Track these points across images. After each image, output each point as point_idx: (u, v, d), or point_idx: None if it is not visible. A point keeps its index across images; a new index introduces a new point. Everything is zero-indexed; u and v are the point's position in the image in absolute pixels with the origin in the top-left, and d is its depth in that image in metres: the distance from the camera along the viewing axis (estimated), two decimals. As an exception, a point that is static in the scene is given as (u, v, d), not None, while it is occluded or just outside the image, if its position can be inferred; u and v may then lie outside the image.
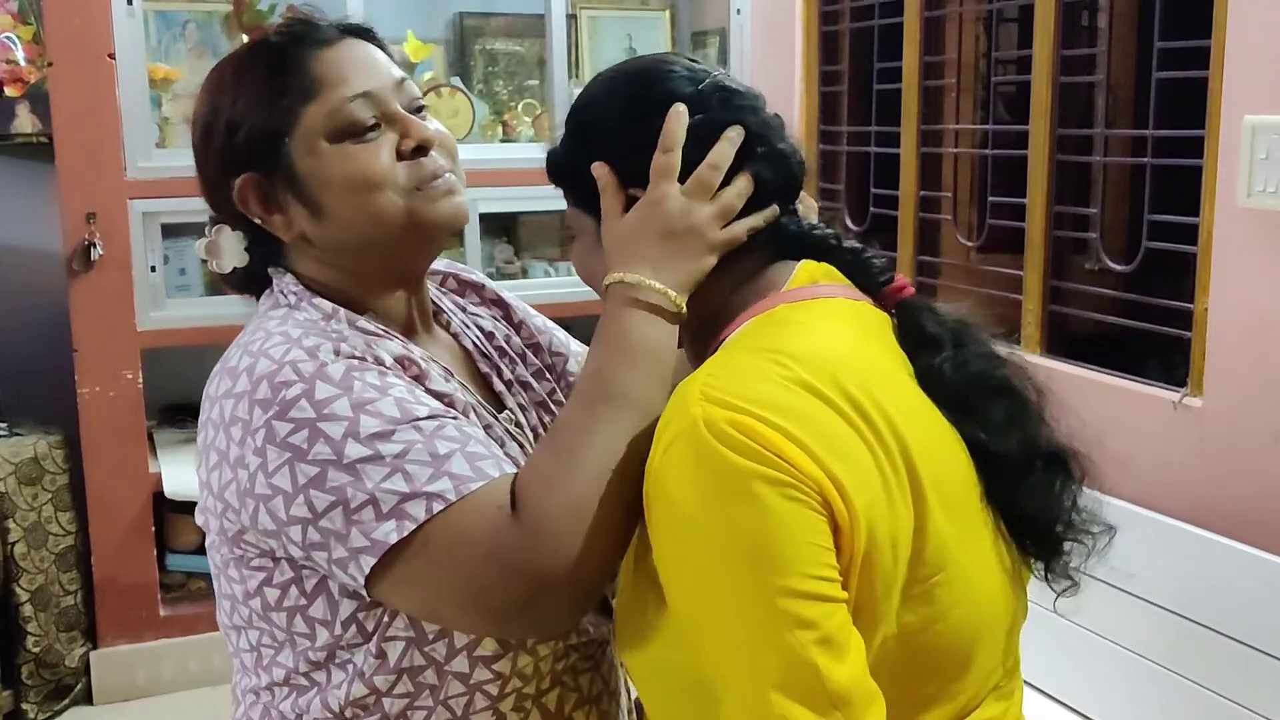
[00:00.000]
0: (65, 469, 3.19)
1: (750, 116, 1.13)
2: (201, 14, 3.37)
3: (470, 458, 1.01)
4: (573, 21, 3.77)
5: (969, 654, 1.03)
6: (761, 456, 0.92)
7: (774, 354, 0.99)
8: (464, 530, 0.98)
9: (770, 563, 0.91)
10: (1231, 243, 2.16)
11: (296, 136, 1.12)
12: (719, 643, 0.93)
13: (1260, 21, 2.10)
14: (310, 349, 1.05)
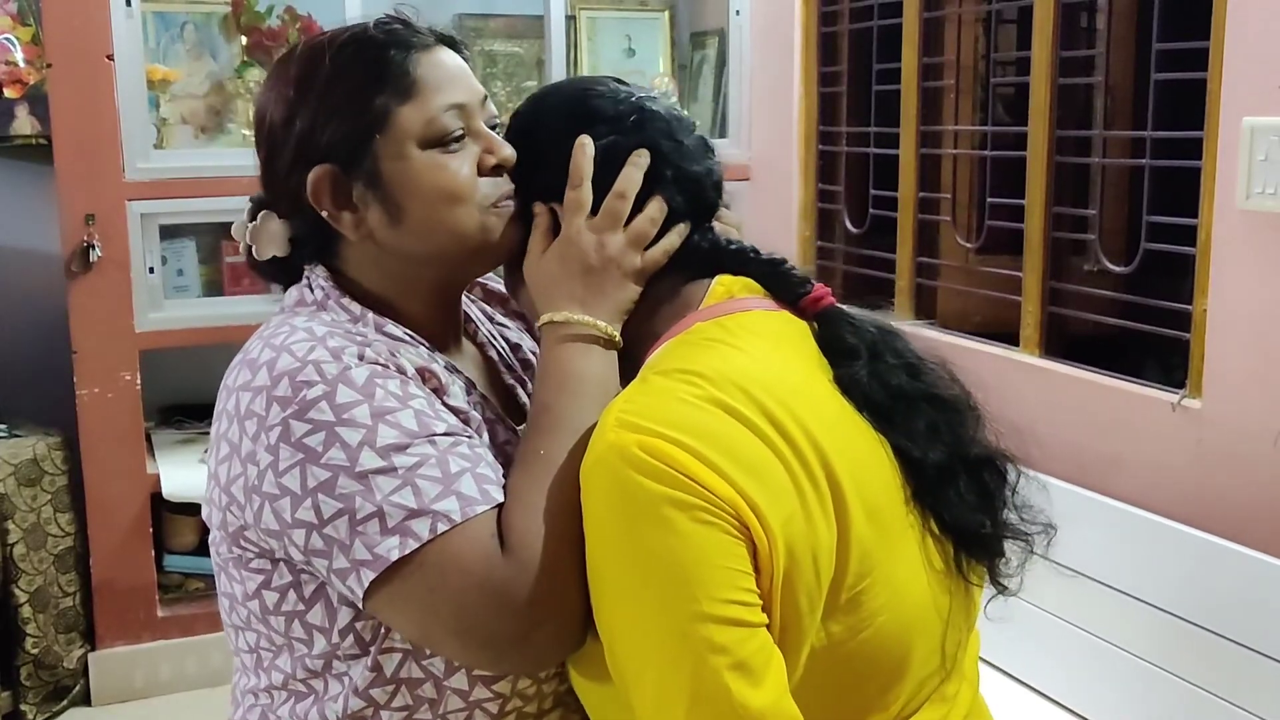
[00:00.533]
0: (64, 470, 3.18)
1: (663, 140, 1.14)
2: (200, 15, 3.36)
3: (479, 479, 1.01)
4: (572, 22, 3.77)
5: (901, 660, 1.03)
6: (673, 479, 0.92)
7: (686, 375, 1.00)
8: (459, 556, 0.98)
9: (682, 588, 0.91)
10: (1230, 244, 2.16)
11: (387, 137, 1.10)
12: (632, 664, 0.94)
13: (1259, 23, 2.10)
14: (335, 350, 1.04)
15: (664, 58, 3.97)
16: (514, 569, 0.97)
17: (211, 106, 3.35)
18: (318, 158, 1.11)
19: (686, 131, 1.16)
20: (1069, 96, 2.63)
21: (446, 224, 1.12)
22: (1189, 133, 2.27)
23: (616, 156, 1.12)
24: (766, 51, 3.67)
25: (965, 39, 3.01)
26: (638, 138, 1.13)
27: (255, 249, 1.18)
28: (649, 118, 1.14)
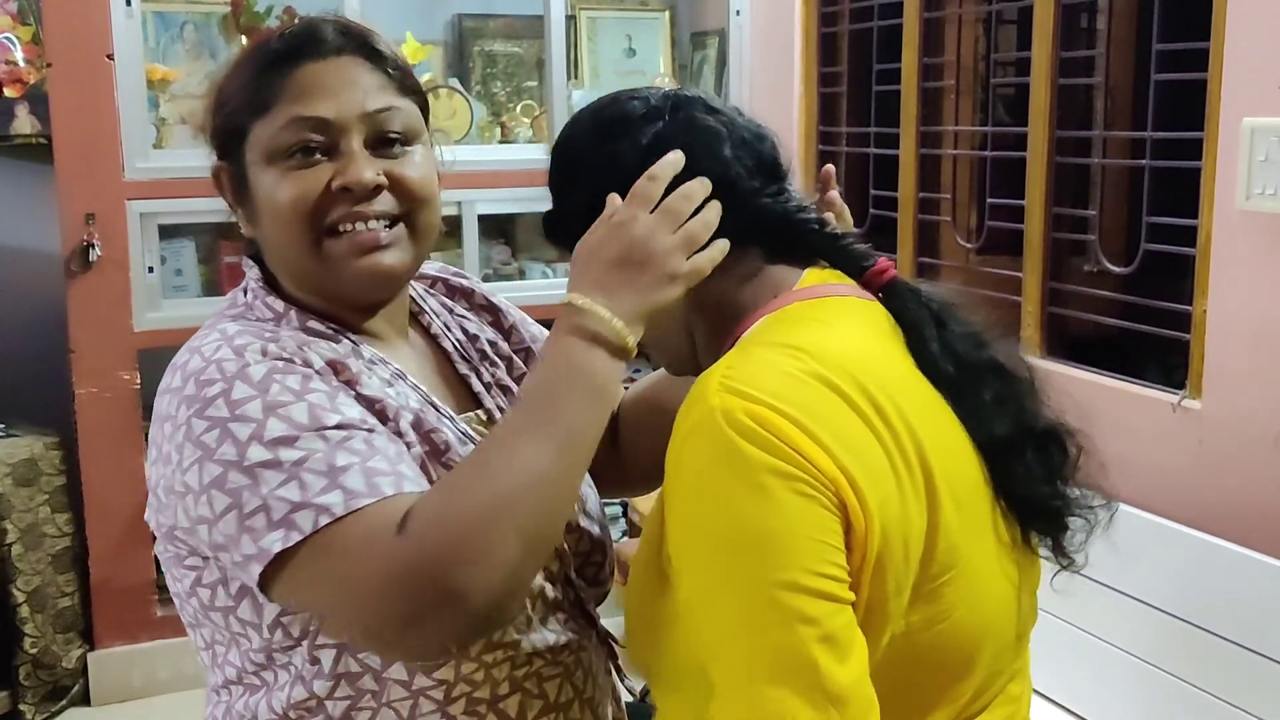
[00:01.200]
0: (62, 470, 3.18)
1: (708, 116, 1.12)
2: (199, 15, 3.37)
3: (369, 473, 0.98)
4: (572, 22, 3.77)
5: (971, 655, 1.03)
6: (777, 448, 0.92)
7: (792, 349, 0.99)
8: (347, 546, 0.96)
9: (775, 555, 0.90)
10: (1230, 245, 2.16)
11: (250, 145, 1.12)
12: (716, 632, 0.93)
13: (1259, 24, 2.09)
14: (239, 348, 1.05)
15: (664, 58, 3.97)
16: (409, 553, 0.94)
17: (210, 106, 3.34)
18: (219, 153, 1.17)
19: (729, 110, 1.15)
20: (1069, 97, 2.63)
21: (284, 242, 1.12)
22: (1189, 133, 2.26)
23: (664, 146, 1.10)
24: (767, 52, 3.67)
25: (965, 39, 3.01)
26: (684, 123, 1.11)
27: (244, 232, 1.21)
28: (685, 101, 1.13)
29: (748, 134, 1.12)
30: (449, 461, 1.11)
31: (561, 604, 1.18)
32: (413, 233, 1.16)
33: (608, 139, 1.12)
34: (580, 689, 1.19)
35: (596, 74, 3.89)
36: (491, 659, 1.10)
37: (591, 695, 1.21)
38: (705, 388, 0.96)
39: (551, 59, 3.51)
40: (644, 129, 1.10)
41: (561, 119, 3.52)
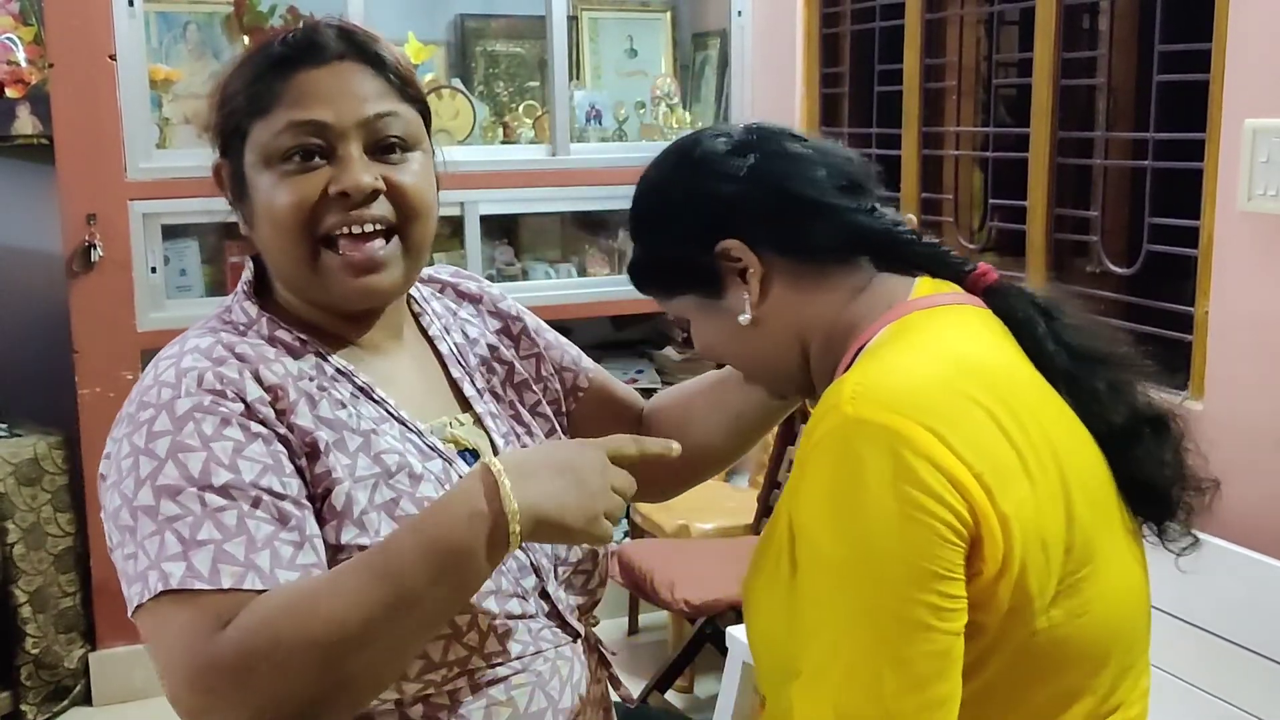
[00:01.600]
0: (64, 470, 3.19)
1: (787, 142, 1.16)
2: (202, 15, 3.37)
3: (219, 557, 0.99)
4: (574, 23, 3.77)
5: (1109, 647, 1.05)
6: (908, 464, 0.93)
7: (923, 356, 1.01)
8: (170, 624, 0.98)
9: (880, 576, 0.93)
10: (1232, 246, 2.16)
11: (248, 148, 1.13)
12: (806, 633, 0.96)
13: (1261, 25, 2.09)
14: (181, 372, 1.06)
15: (666, 58, 3.97)
16: (208, 657, 0.95)
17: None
18: (220, 150, 1.17)
19: (813, 138, 1.18)
20: (1071, 98, 2.63)
21: (278, 248, 1.13)
22: (1191, 134, 2.26)
23: (762, 176, 1.12)
24: (768, 52, 3.67)
25: (967, 40, 3.01)
26: (776, 152, 1.14)
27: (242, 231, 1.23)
28: (770, 133, 1.16)
29: (836, 156, 1.15)
30: (396, 484, 1.11)
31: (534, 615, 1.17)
32: (406, 247, 1.16)
33: (702, 177, 1.14)
34: (555, 699, 1.17)
35: (598, 74, 3.90)
36: (439, 677, 1.09)
37: (570, 705, 1.19)
38: (839, 396, 0.97)
39: (553, 59, 3.51)
40: (738, 162, 1.13)
41: (564, 119, 3.53)
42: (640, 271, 1.21)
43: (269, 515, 1.02)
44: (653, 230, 1.19)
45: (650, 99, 3.83)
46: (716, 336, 1.18)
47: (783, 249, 1.12)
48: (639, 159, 4.17)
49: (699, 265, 1.14)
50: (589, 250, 3.79)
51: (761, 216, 1.12)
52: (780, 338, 1.14)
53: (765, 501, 3.25)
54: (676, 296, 1.19)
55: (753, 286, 1.12)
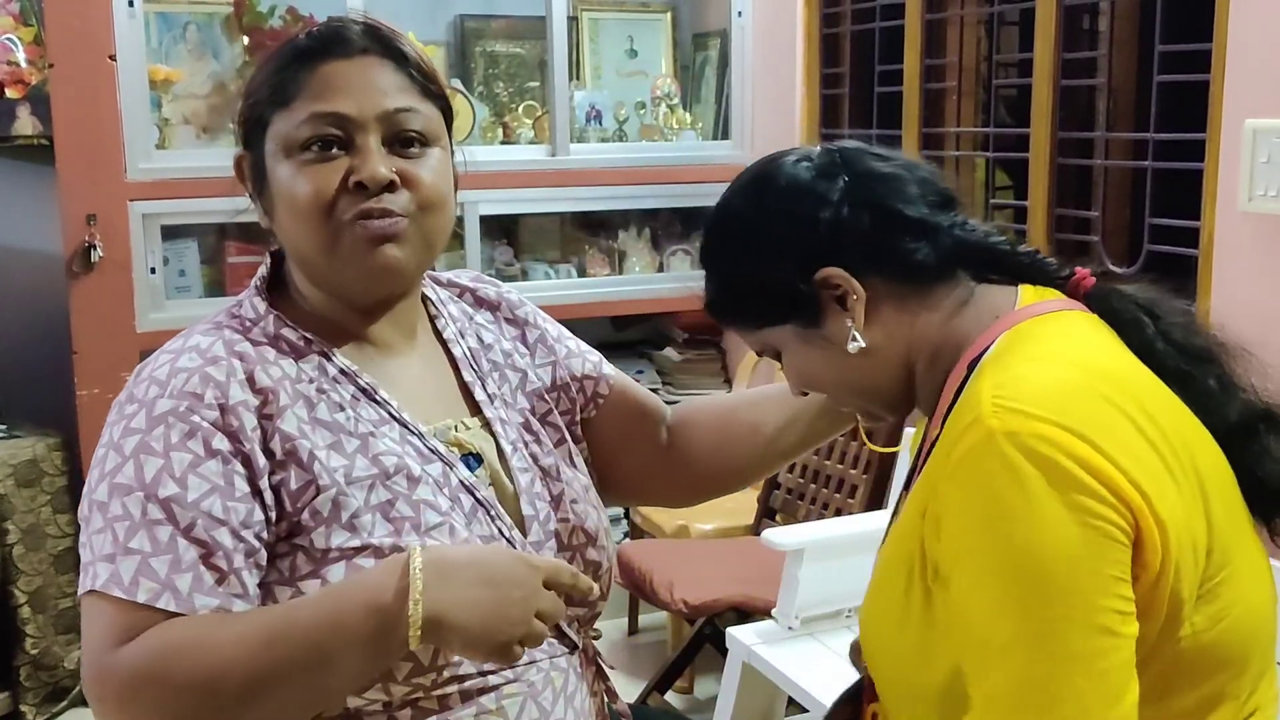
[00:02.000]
0: (64, 471, 3.18)
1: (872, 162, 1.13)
2: (202, 15, 3.36)
3: (141, 570, 1.02)
4: (574, 23, 3.77)
5: (1248, 649, 1.04)
6: (1065, 473, 0.91)
7: (1055, 363, 0.99)
8: (89, 618, 1.03)
9: (1058, 588, 0.90)
10: (1232, 246, 2.16)
11: (270, 138, 1.15)
12: (986, 656, 0.93)
13: (1261, 25, 2.09)
14: (173, 370, 1.09)
15: (666, 59, 3.97)
16: (107, 666, 1.01)
17: (214, 107, 3.35)
18: (242, 141, 1.19)
19: (892, 154, 1.15)
20: (1071, 98, 2.63)
21: (300, 235, 1.14)
22: (1191, 135, 2.26)
23: (858, 198, 1.10)
24: (768, 53, 3.67)
25: (967, 41, 3.01)
26: (866, 173, 1.11)
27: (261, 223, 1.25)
28: (853, 154, 1.13)
29: (922, 171, 1.13)
30: (394, 485, 1.11)
31: None
32: (420, 234, 1.16)
33: (794, 204, 1.11)
34: (548, 710, 1.17)
35: (598, 75, 3.89)
36: (428, 680, 1.09)
37: (562, 717, 1.18)
38: (978, 410, 0.95)
39: (553, 60, 3.51)
40: (827, 186, 1.11)
41: (564, 119, 3.52)
42: (724, 304, 1.17)
43: (200, 540, 1.04)
44: (741, 261, 1.14)
45: (650, 99, 3.83)
46: (816, 365, 1.14)
47: (885, 272, 1.09)
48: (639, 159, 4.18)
49: (796, 295, 1.10)
50: (589, 251, 3.79)
51: (861, 241, 1.09)
52: (886, 361, 1.11)
53: (765, 502, 3.25)
54: (768, 328, 1.15)
55: (857, 313, 1.09)
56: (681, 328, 3.99)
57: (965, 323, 1.09)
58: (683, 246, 3.89)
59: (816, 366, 1.14)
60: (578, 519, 1.24)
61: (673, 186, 3.72)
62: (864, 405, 1.19)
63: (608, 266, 3.79)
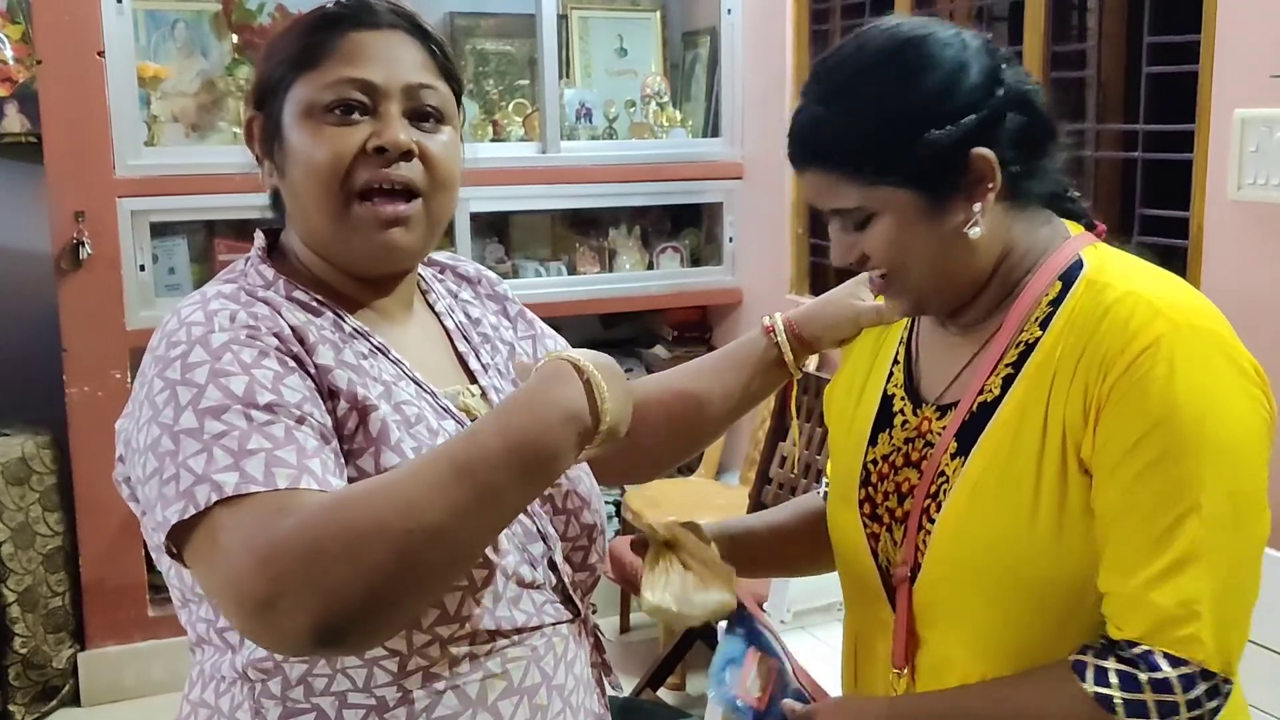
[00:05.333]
0: (53, 469, 3.17)
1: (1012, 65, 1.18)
2: (191, 13, 3.36)
3: (271, 461, 0.98)
4: (564, 22, 3.77)
5: None
6: (1240, 364, 1.07)
7: (1183, 284, 1.12)
8: (230, 524, 0.96)
9: (1254, 460, 1.06)
10: (1222, 235, 2.17)
11: (291, 97, 1.15)
12: (1194, 523, 1.03)
13: (1249, 16, 2.10)
14: (210, 313, 1.07)
15: (656, 57, 3.97)
16: (278, 536, 0.92)
17: (202, 104, 3.35)
18: (254, 105, 1.19)
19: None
20: (1061, 90, 2.63)
21: (311, 196, 1.14)
22: (1181, 125, 2.27)
23: (1023, 99, 1.14)
24: (758, 50, 3.67)
25: (957, 35, 3.01)
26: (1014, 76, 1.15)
27: (265, 186, 1.23)
28: (1002, 55, 1.16)
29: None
30: (417, 434, 1.12)
31: (540, 586, 1.16)
32: (428, 215, 1.18)
33: (978, 74, 1.12)
34: (549, 675, 1.16)
35: (588, 72, 3.90)
36: (447, 632, 1.09)
37: (563, 683, 1.18)
38: (1152, 307, 1.06)
39: (543, 58, 3.51)
40: (1001, 75, 1.13)
41: (554, 117, 3.53)
42: (850, 143, 1.12)
43: (314, 432, 1.03)
44: (904, 102, 1.11)
45: (640, 97, 3.83)
46: (917, 240, 1.13)
47: (1014, 175, 1.13)
48: (629, 157, 4.19)
49: (943, 163, 1.10)
50: (579, 248, 3.79)
51: (1013, 137, 1.12)
52: (983, 254, 1.15)
53: (756, 498, 3.24)
54: (885, 186, 1.11)
55: (988, 202, 1.12)
56: (671, 325, 3.99)
57: (1047, 236, 1.18)
58: (672, 244, 3.90)
59: (918, 241, 1.13)
60: (571, 484, 1.25)
61: (663, 184, 3.73)
62: (938, 290, 1.18)
63: (598, 264, 3.79)
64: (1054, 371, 1.10)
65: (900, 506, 1.21)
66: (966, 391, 1.18)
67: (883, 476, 1.24)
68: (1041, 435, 1.09)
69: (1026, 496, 1.10)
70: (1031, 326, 1.14)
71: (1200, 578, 1.02)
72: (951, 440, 1.17)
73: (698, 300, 3.90)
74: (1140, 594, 1.04)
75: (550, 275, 3.70)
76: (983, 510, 1.13)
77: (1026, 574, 1.10)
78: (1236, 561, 1.05)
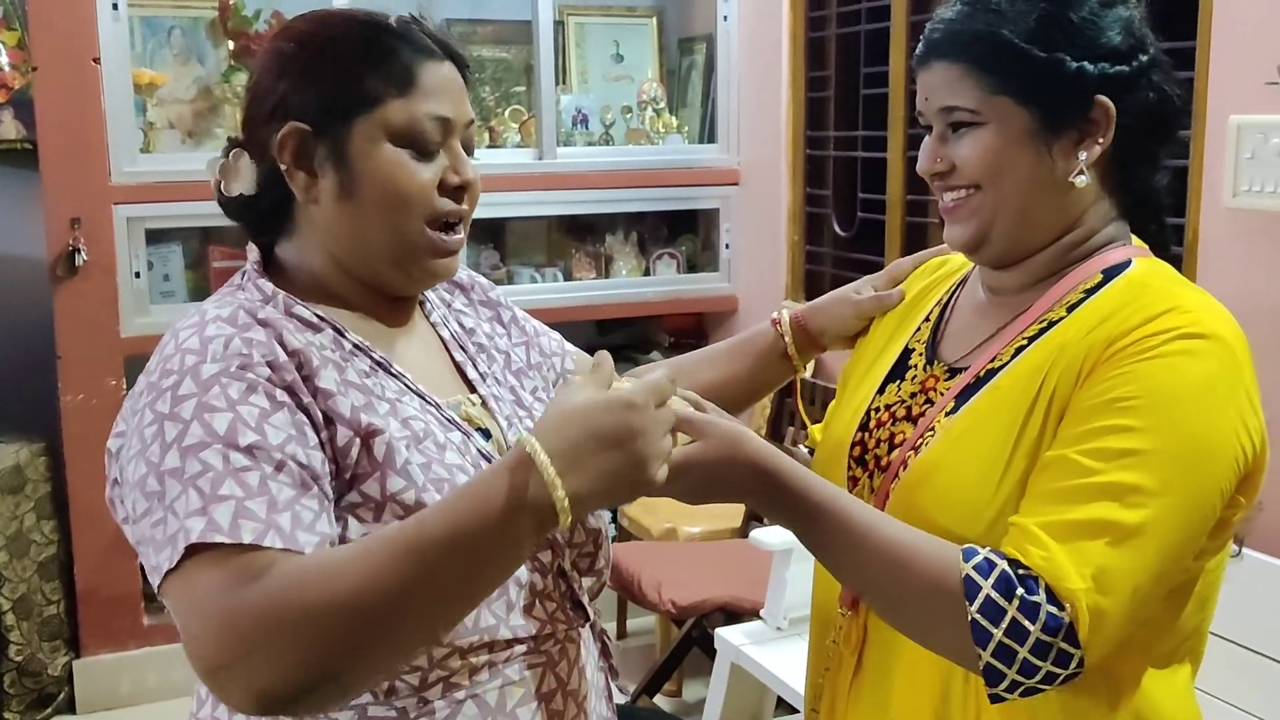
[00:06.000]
0: (47, 477, 3.17)
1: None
2: (187, 20, 3.36)
3: (240, 512, 0.98)
4: (560, 28, 3.77)
5: None
6: (1246, 385, 1.06)
7: (1215, 302, 1.12)
8: (194, 581, 0.96)
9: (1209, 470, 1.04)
10: (1218, 242, 2.17)
11: (369, 119, 1.13)
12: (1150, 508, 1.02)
13: (1244, 22, 2.10)
14: (205, 340, 1.06)
15: (652, 63, 3.97)
16: (237, 604, 0.93)
17: (198, 111, 3.34)
18: (295, 115, 1.14)
19: None
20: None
21: (388, 220, 1.14)
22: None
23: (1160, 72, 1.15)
24: (754, 57, 3.67)
25: (953, 42, 3.02)
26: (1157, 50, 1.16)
27: (224, 184, 1.20)
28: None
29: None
30: (426, 449, 1.12)
31: (550, 593, 1.17)
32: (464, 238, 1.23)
33: (1134, 35, 1.13)
34: (564, 680, 1.18)
35: (584, 79, 3.90)
36: (466, 643, 1.10)
37: (576, 688, 1.20)
38: (1176, 305, 1.07)
39: (540, 64, 3.51)
40: (1150, 46, 1.14)
41: (550, 123, 3.53)
42: (997, 47, 1.12)
43: (291, 480, 1.01)
44: (1055, 31, 1.12)
45: (637, 103, 3.84)
46: (1015, 164, 1.14)
47: (1122, 148, 1.14)
48: (625, 163, 4.19)
49: (1071, 98, 1.11)
50: (575, 254, 3.79)
51: (1138, 108, 1.13)
52: (1062, 210, 1.15)
53: (753, 505, 3.24)
54: (1007, 97, 1.12)
55: (1091, 154, 1.13)
56: (667, 331, 3.99)
57: (1115, 230, 1.18)
58: (669, 250, 3.90)
59: (1014, 163, 1.14)
60: None
61: (659, 190, 3.73)
62: (1007, 226, 1.17)
63: (594, 270, 3.79)
64: (1063, 344, 1.11)
65: (888, 455, 1.21)
66: (980, 358, 1.18)
67: (880, 424, 1.24)
68: (1032, 400, 1.10)
69: (1002, 455, 1.09)
70: (1058, 308, 1.15)
71: (1119, 555, 1.01)
72: (951, 401, 1.17)
73: (694, 306, 3.90)
74: (1052, 535, 1.02)
75: (546, 281, 3.70)
76: (954, 463, 1.13)
77: (978, 529, 1.08)
78: (1150, 567, 1.02)
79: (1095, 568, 1.00)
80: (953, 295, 1.31)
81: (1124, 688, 1.10)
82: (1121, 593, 1.00)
